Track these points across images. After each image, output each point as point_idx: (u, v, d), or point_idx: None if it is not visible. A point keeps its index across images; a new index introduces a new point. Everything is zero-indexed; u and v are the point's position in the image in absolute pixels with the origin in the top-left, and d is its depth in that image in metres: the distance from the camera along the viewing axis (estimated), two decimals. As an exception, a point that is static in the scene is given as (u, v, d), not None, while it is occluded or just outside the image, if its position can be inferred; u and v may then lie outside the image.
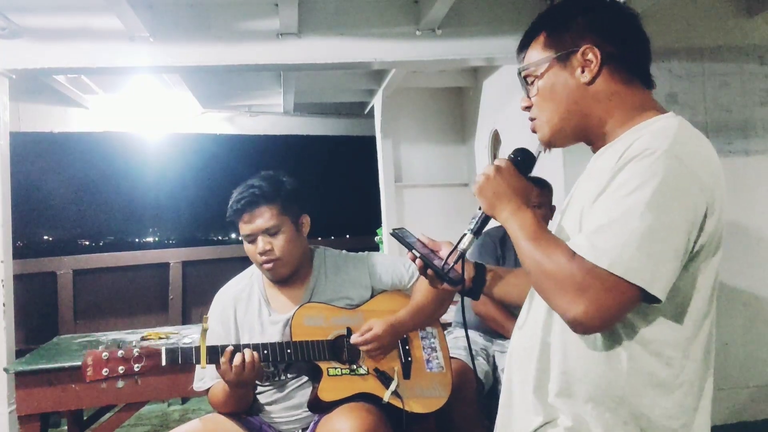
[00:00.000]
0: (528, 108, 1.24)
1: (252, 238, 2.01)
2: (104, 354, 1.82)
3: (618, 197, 1.02)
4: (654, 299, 1.02)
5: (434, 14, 3.15)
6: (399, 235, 1.41)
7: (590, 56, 1.15)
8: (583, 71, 1.16)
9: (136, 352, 1.84)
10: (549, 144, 1.24)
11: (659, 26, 3.33)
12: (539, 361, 1.16)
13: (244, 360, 1.85)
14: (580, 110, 1.18)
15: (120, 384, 1.85)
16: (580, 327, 1.03)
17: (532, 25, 1.25)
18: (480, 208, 1.23)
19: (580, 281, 1.00)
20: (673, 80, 3.33)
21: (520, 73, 1.24)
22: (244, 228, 2.01)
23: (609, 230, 1.01)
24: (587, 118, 1.18)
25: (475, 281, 1.40)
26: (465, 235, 1.26)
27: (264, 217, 1.99)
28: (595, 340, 1.10)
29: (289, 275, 2.07)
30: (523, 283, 1.36)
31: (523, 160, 1.25)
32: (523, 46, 1.26)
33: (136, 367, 1.83)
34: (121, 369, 1.82)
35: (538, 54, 1.21)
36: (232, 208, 2.02)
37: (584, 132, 1.20)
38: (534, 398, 1.16)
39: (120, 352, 1.83)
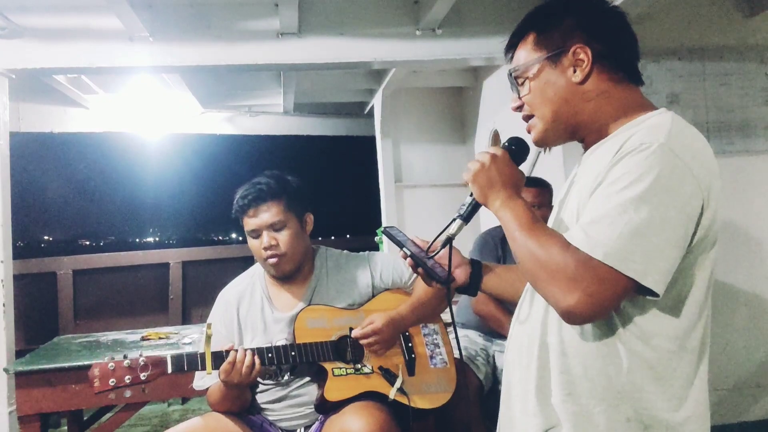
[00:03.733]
0: (519, 108, 1.25)
1: (257, 233, 2.03)
2: (110, 365, 1.81)
3: (614, 190, 1.03)
4: (650, 291, 1.02)
5: (434, 14, 3.15)
6: (390, 234, 1.40)
7: (581, 56, 1.16)
8: (574, 71, 1.17)
9: (142, 361, 1.83)
10: (543, 143, 1.24)
11: (660, 26, 3.33)
12: (539, 360, 1.16)
13: (244, 359, 1.86)
14: (571, 109, 1.18)
15: (128, 393, 1.84)
16: (572, 317, 1.03)
17: (521, 24, 1.25)
18: (471, 195, 1.23)
19: (573, 272, 1.01)
20: (674, 80, 3.33)
21: (510, 74, 1.24)
22: (250, 223, 2.03)
23: (604, 222, 1.02)
24: (578, 116, 1.18)
25: (472, 278, 1.39)
26: (454, 220, 1.25)
27: (270, 213, 2.01)
28: (594, 337, 1.10)
29: (292, 271, 2.08)
30: (519, 279, 1.36)
31: (517, 149, 1.25)
32: (512, 46, 1.27)
33: (143, 376, 1.82)
34: (127, 379, 1.82)
35: (528, 54, 1.21)
36: (238, 203, 2.04)
37: (575, 130, 1.21)
38: (535, 400, 1.15)
39: (126, 362, 1.82)
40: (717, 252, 1.12)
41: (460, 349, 1.39)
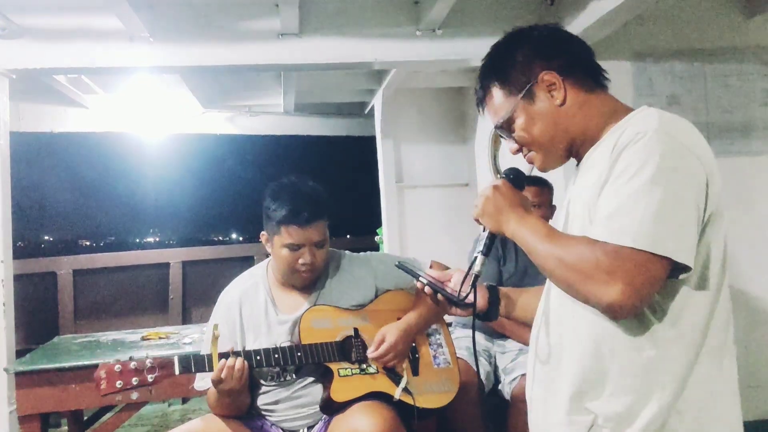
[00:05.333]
0: (519, 151, 1.29)
1: (298, 247, 1.98)
2: (117, 366, 1.81)
3: (623, 182, 1.05)
4: (679, 271, 1.04)
5: (434, 14, 3.14)
6: (405, 267, 1.46)
7: (551, 80, 1.20)
8: (552, 95, 1.20)
9: (149, 363, 1.83)
10: (548, 169, 1.28)
11: (660, 27, 3.33)
12: (572, 368, 1.16)
13: (234, 365, 1.85)
14: (562, 129, 1.22)
15: (134, 395, 1.83)
16: (617, 311, 1.04)
17: (480, 80, 1.30)
18: (485, 229, 1.26)
19: (607, 265, 1.02)
20: (674, 81, 3.33)
21: (496, 128, 1.28)
22: (296, 236, 1.97)
23: (622, 212, 1.04)
24: (569, 133, 1.22)
25: (491, 303, 1.42)
26: (476, 258, 1.28)
27: (318, 230, 2.00)
28: (625, 332, 1.10)
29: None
30: (533, 301, 1.38)
31: (515, 177, 1.30)
32: (480, 103, 1.31)
33: (150, 378, 1.82)
34: (134, 380, 1.81)
35: (502, 104, 1.25)
36: (289, 217, 1.96)
37: (571, 146, 1.24)
38: (570, 407, 1.16)
39: (132, 364, 1.82)
40: (726, 226, 1.14)
41: (476, 355, 1.39)
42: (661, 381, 1.09)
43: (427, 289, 1.38)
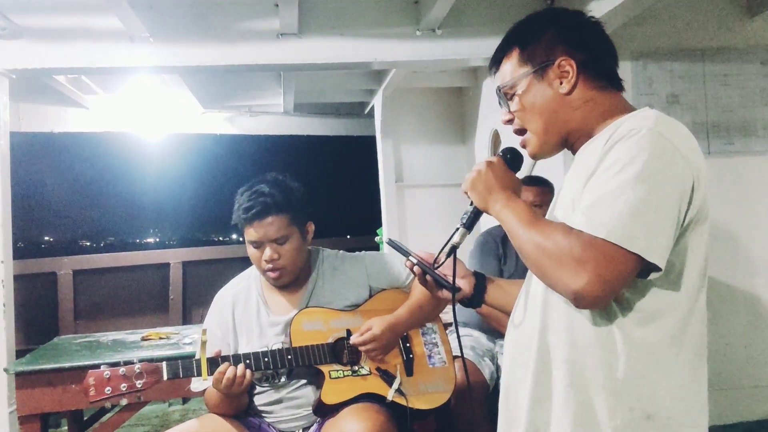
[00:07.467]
0: (510, 122, 1.29)
1: (258, 245, 2.00)
2: (106, 373, 1.81)
3: (610, 175, 1.06)
4: (650, 271, 1.04)
5: (434, 14, 3.15)
6: (395, 244, 1.44)
7: (567, 67, 1.20)
8: (561, 82, 1.21)
9: (137, 369, 1.83)
10: (539, 156, 1.28)
11: (660, 27, 3.33)
12: (538, 355, 1.16)
13: (235, 374, 1.85)
14: (561, 118, 1.22)
15: (123, 401, 1.83)
16: (582, 300, 1.04)
17: (504, 41, 1.30)
18: (471, 204, 1.26)
19: (579, 254, 1.03)
20: (674, 81, 3.33)
21: (499, 90, 1.28)
22: (252, 234, 1.99)
23: (603, 203, 1.04)
24: (568, 124, 1.22)
25: (476, 290, 1.42)
26: (457, 229, 1.29)
27: (274, 227, 1.98)
28: (594, 326, 1.11)
29: (291, 282, 2.07)
30: None
31: (512, 157, 1.29)
32: (496, 62, 1.31)
33: (138, 384, 1.82)
34: (123, 387, 1.82)
35: (514, 70, 1.26)
36: (241, 215, 1.99)
37: (566, 138, 1.24)
38: (535, 395, 1.16)
39: (122, 370, 1.82)
40: (709, 233, 1.14)
41: (461, 348, 1.40)
42: (623, 379, 1.08)
43: (416, 269, 1.38)
